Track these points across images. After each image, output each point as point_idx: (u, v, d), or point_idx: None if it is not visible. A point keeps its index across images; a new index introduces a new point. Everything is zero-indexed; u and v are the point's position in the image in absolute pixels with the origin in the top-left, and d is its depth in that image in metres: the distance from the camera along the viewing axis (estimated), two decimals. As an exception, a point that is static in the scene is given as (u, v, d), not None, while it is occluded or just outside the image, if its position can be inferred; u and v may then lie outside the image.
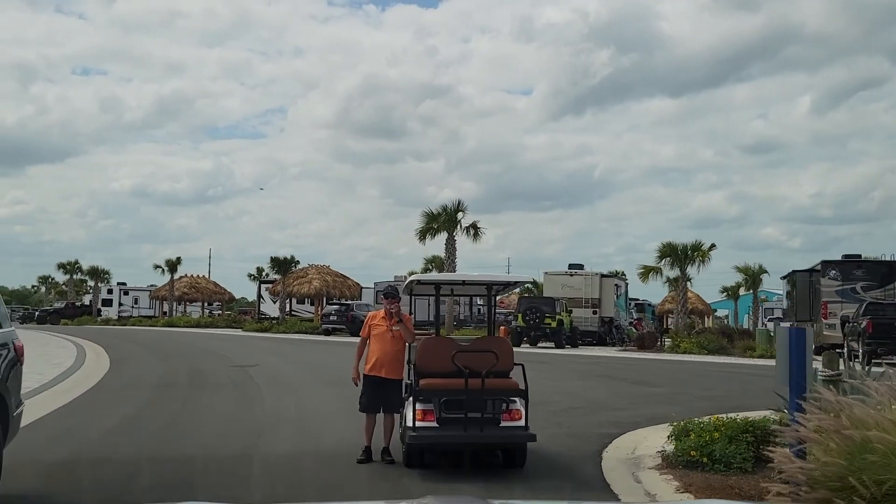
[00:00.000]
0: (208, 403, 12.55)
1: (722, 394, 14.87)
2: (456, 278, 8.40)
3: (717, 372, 20.42)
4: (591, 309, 35.16)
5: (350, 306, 42.07)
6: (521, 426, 7.49)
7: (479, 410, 7.39)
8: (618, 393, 14.80)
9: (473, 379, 7.30)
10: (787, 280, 36.13)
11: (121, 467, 7.70)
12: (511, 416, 7.52)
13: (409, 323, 8.11)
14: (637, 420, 11.27)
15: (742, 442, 7.67)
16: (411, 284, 8.45)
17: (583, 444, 9.33)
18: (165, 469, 7.68)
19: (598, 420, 11.37)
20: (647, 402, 13.38)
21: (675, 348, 29.41)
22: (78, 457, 8.17)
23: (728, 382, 17.48)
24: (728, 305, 70.91)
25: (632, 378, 18.14)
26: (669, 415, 11.90)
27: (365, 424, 8.02)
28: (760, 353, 27.30)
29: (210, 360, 21.77)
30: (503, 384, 7.62)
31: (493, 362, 7.40)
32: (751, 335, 33.00)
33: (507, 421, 7.52)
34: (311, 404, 12.64)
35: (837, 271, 29.00)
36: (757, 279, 42.31)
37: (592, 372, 19.94)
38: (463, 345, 7.95)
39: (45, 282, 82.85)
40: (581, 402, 13.20)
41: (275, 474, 7.64)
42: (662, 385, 16.43)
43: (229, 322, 53.85)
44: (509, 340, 8.46)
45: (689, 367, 22.27)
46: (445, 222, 35.55)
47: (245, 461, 8.03)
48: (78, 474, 7.52)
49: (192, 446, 8.92)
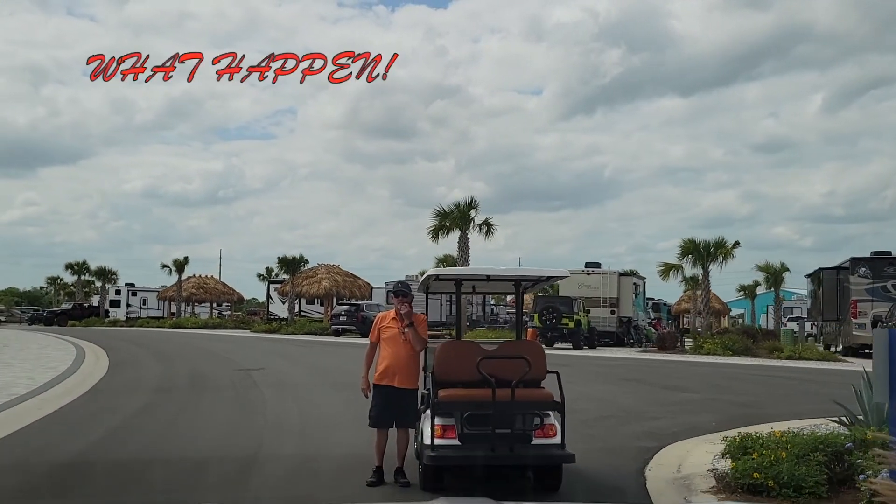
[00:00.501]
0: (206, 413, 11.55)
1: (760, 400, 13.77)
2: (480, 273, 7.27)
3: (747, 375, 19.27)
4: (608, 308, 34.04)
5: (360, 306, 41.05)
6: (557, 444, 6.45)
7: (509, 426, 6.35)
8: (648, 399, 13.72)
9: (502, 389, 6.26)
10: (812, 278, 34.88)
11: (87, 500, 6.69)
12: (545, 433, 6.47)
13: (422, 326, 7.03)
14: (675, 430, 10.22)
15: (812, 462, 6.60)
16: (428, 280, 7.35)
17: (621, 461, 8.29)
18: (143, 497, 6.67)
19: (634, 431, 10.31)
20: (682, 410, 12.31)
21: (698, 349, 28.23)
22: (37, 486, 7.04)
23: (763, 387, 16.36)
24: (744, 305, 69.55)
25: (660, 382, 17.03)
26: (709, 424, 10.91)
27: (375, 441, 6.99)
28: (788, 354, 26.15)
29: (214, 363, 20.81)
30: (536, 395, 6.58)
31: (525, 370, 6.36)
32: (775, 335, 31.76)
33: (541, 438, 6.48)
34: (317, 412, 11.63)
35: (868, 268, 27.77)
36: (779, 278, 40.97)
37: (617, 375, 18.83)
38: (488, 349, 6.90)
39: (53, 283, 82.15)
40: (611, 410, 12.13)
41: (274, 498, 6.65)
42: (694, 390, 15.32)
43: (238, 323, 53.02)
44: (541, 344, 7.31)
45: (716, 369, 21.12)
46: (458, 220, 34.44)
47: (240, 481, 7.02)
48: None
49: (180, 467, 7.89)
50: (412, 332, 6.89)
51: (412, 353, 7.00)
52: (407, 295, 7.04)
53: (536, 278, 7.32)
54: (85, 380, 15.64)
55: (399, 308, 6.95)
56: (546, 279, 7.33)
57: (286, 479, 7.25)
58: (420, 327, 6.98)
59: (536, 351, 6.87)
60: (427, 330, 7.19)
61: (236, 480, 7.11)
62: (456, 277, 7.35)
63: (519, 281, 7.42)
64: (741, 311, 72.19)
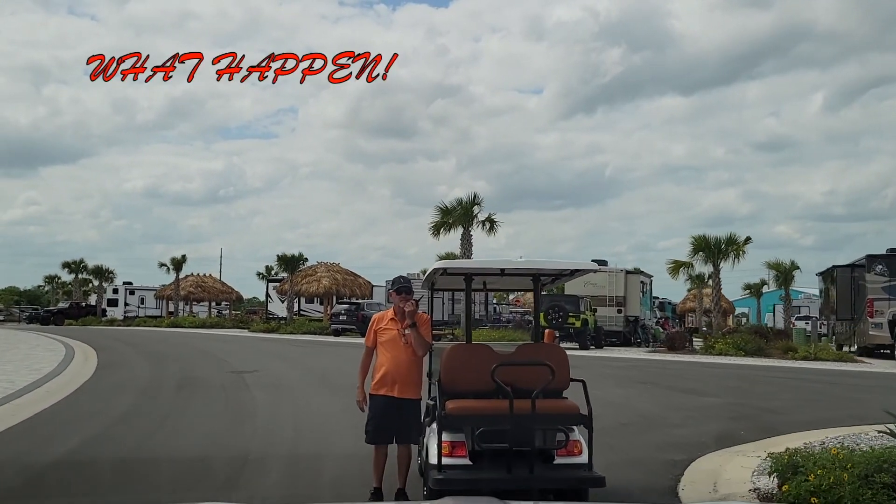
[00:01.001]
0: (190, 421, 10.66)
1: (786, 405, 12.88)
2: (494, 266, 6.35)
3: (766, 377, 18.37)
4: (615, 307, 33.14)
5: (360, 305, 40.07)
6: (583, 464, 5.56)
7: (528, 443, 5.45)
8: (667, 404, 12.81)
9: (520, 400, 5.38)
10: (824, 276, 33.93)
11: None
12: (569, 451, 5.58)
13: (425, 326, 6.10)
14: (702, 441, 9.35)
15: (877, 485, 5.70)
16: (434, 275, 6.44)
17: (648, 477, 7.41)
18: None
19: (656, 441, 9.42)
20: (705, 417, 11.42)
21: (709, 349, 27.30)
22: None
23: (786, 390, 15.44)
24: (747, 303, 68.60)
25: (676, 385, 16.12)
26: (737, 433, 10.03)
27: (373, 459, 6.11)
28: (803, 355, 25.23)
29: (207, 364, 19.91)
30: (559, 407, 5.69)
31: (548, 379, 5.47)
32: (787, 335, 30.81)
33: (565, 457, 5.58)
34: (313, 421, 10.74)
35: (884, 266, 26.83)
36: (789, 276, 39.99)
37: (630, 377, 17.91)
38: (503, 354, 6.00)
39: (51, 281, 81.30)
40: (630, 417, 11.24)
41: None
42: (714, 393, 14.42)
43: (236, 323, 52.15)
44: (561, 348, 6.36)
45: (732, 371, 20.23)
46: (461, 216, 33.57)
47: None
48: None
49: (155, 484, 7.01)
50: (414, 334, 5.98)
51: (414, 358, 6.10)
52: (410, 291, 6.15)
53: (558, 272, 6.37)
54: (68, 383, 14.76)
55: (402, 306, 6.06)
56: (570, 273, 6.35)
57: (275, 498, 6.37)
58: (423, 328, 6.07)
59: (559, 356, 5.98)
60: (431, 331, 6.29)
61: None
62: (466, 271, 6.38)
63: (538, 276, 6.49)
64: (744, 310, 71.27)
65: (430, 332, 6.24)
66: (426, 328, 6.11)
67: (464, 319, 6.80)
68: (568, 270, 6.17)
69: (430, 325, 6.29)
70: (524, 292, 29.60)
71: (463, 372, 5.80)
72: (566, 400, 5.89)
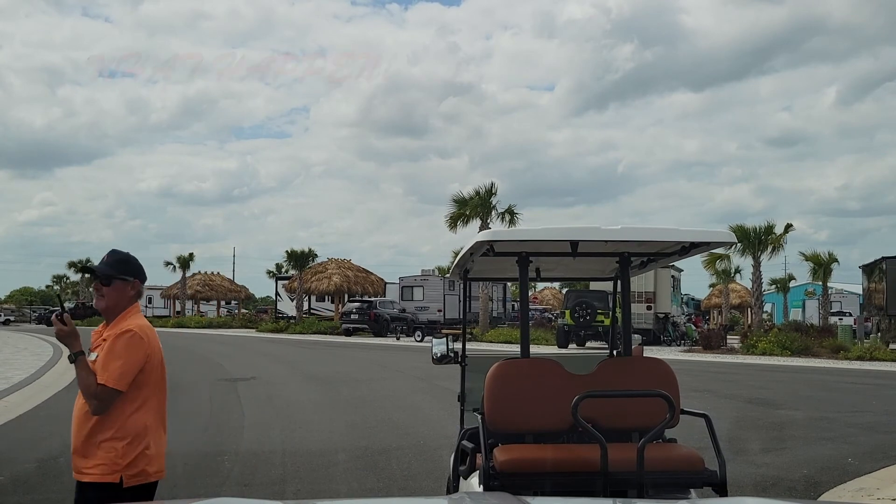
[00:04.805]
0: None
1: (887, 420, 10.64)
2: (570, 237, 3.68)
3: (834, 381, 16.15)
4: (644, 304, 30.90)
5: (373, 303, 37.95)
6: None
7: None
8: (738, 419, 10.57)
9: (618, 448, 3.26)
10: (870, 269, 31.60)
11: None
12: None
13: (113, 352, 3.29)
14: (806, 473, 7.29)
15: None
16: (473, 254, 3.99)
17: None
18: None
19: (747, 472, 7.24)
20: (793, 437, 9.29)
21: (751, 349, 25.08)
22: None
23: (874, 399, 13.21)
24: (771, 299, 66.15)
25: (737, 393, 13.90)
26: (844, 460, 7.93)
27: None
28: (858, 355, 22.98)
29: (199, 370, 17.89)
30: (675, 458, 3.57)
31: (665, 418, 3.36)
32: (831, 333, 28.47)
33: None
34: (307, 447, 8.63)
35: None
36: (827, 269, 37.56)
37: (681, 383, 15.68)
38: (577, 375, 3.85)
39: (59, 281, 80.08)
40: (701, 438, 9.05)
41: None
42: (789, 405, 12.21)
43: (244, 322, 50.29)
44: (667, 364, 4.07)
45: (791, 374, 18.00)
46: (478, 207, 31.44)
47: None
48: None
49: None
50: (79, 364, 3.31)
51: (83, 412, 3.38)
52: (105, 277, 3.42)
53: (678, 244, 4.00)
54: (34, 395, 12.78)
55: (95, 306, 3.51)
56: (690, 247, 3.92)
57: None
58: (106, 356, 3.30)
59: (667, 378, 3.88)
60: (139, 356, 3.32)
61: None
62: (524, 249, 3.89)
63: (627, 256, 4.25)
64: (769, 306, 68.84)
65: (121, 357, 3.27)
66: (114, 354, 3.29)
67: (520, 322, 4.37)
68: (687, 243, 3.88)
69: (131, 349, 3.30)
70: (579, 282, 26.19)
71: (519, 401, 3.69)
72: (678, 445, 3.80)
